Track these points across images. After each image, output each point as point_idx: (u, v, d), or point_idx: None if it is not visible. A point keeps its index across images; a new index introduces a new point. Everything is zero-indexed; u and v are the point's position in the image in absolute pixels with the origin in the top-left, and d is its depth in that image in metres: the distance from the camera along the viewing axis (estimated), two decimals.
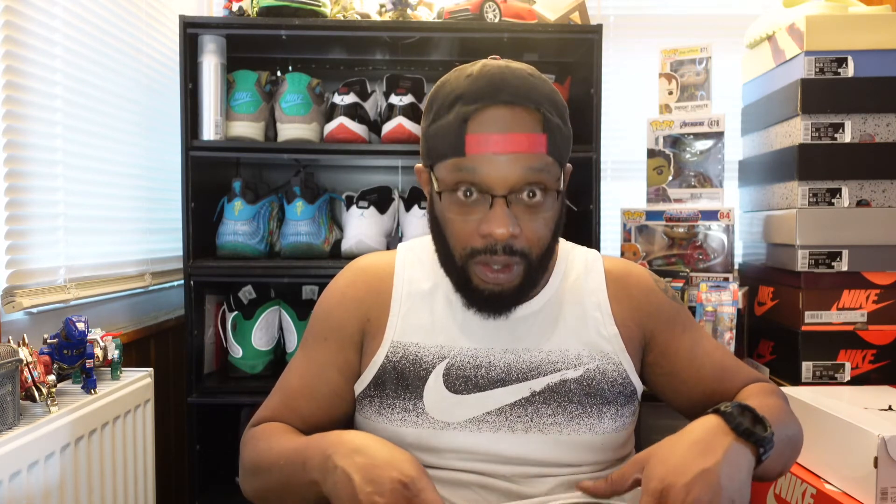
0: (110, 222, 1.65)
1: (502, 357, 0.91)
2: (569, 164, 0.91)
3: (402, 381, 0.90)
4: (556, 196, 0.85)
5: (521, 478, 0.89)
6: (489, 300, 0.87)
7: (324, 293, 0.99)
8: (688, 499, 0.71)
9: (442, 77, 0.89)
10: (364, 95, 1.78)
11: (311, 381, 0.95)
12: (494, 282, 0.84)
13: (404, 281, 0.95)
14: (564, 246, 1.00)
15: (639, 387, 0.95)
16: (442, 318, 0.92)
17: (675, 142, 1.92)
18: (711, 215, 1.85)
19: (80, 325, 1.18)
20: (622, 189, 2.23)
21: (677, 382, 0.96)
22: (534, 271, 0.86)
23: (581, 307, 0.94)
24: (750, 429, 0.77)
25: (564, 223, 0.91)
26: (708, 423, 0.79)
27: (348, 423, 0.98)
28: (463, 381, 0.90)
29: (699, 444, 0.76)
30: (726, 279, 1.80)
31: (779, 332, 1.76)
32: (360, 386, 0.94)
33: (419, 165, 0.91)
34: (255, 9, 1.69)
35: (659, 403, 1.03)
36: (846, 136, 1.65)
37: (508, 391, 0.90)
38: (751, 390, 0.94)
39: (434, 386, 0.90)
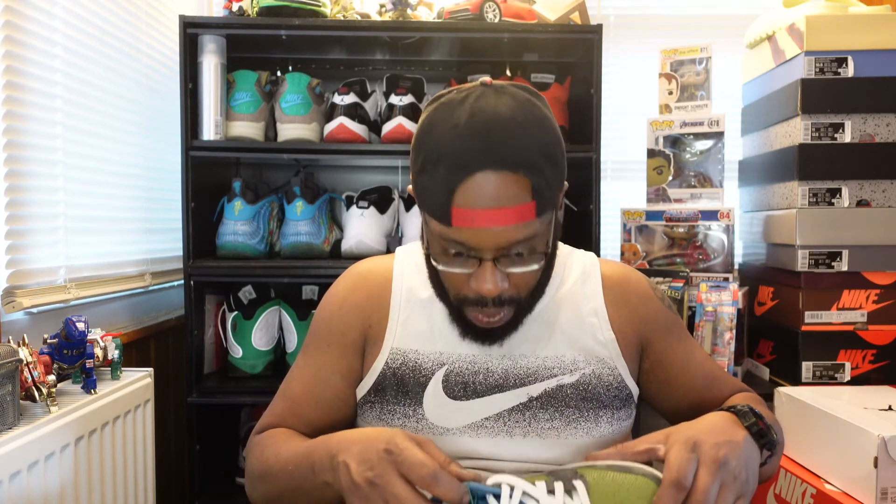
0: (110, 222, 1.65)
1: (500, 363, 0.92)
2: (566, 182, 0.88)
3: (402, 387, 0.91)
4: (544, 254, 0.85)
5: (519, 471, 0.89)
6: (482, 334, 0.89)
7: (324, 299, 1.00)
8: (718, 454, 0.72)
9: (429, 114, 0.83)
10: (364, 95, 1.78)
11: (315, 387, 0.95)
12: (487, 325, 0.87)
13: (403, 288, 0.96)
14: (562, 250, 1.00)
15: (634, 390, 0.96)
16: (440, 325, 0.93)
17: (675, 142, 1.92)
18: (711, 215, 1.85)
19: (80, 325, 1.18)
20: (622, 189, 2.23)
21: (670, 390, 0.98)
22: (524, 308, 0.89)
23: (577, 313, 0.94)
24: (763, 430, 0.79)
25: (563, 224, 0.91)
26: (723, 416, 0.81)
27: (351, 426, 0.98)
28: (462, 387, 0.91)
29: (719, 426, 0.78)
30: (726, 279, 1.80)
31: (779, 332, 1.76)
32: (361, 391, 0.95)
33: (409, 188, 0.89)
34: (255, 9, 1.69)
35: None
36: (846, 136, 1.65)
37: (506, 397, 0.90)
38: (738, 399, 0.96)
39: (433, 392, 0.91)
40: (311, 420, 0.95)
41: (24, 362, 1.07)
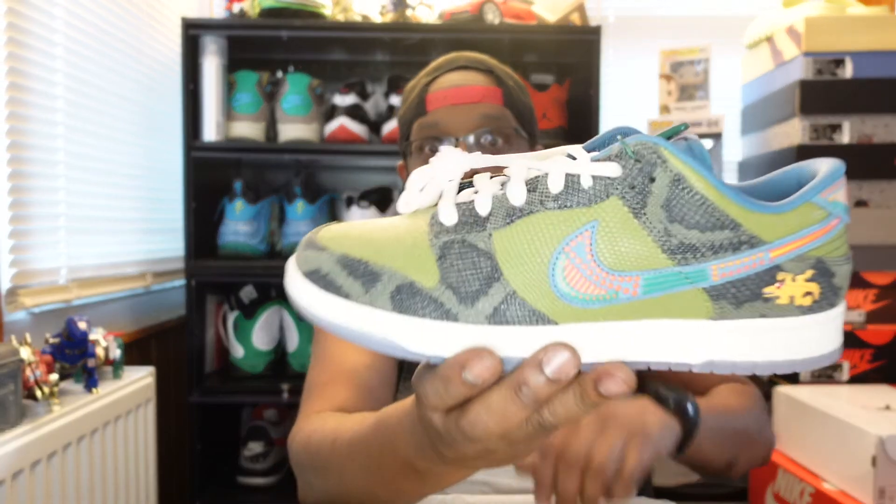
0: (112, 222, 1.65)
1: None
2: (540, 145, 0.95)
3: (404, 359, 0.90)
4: (516, 141, 0.88)
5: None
6: None
7: None
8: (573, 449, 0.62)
9: None
10: (364, 96, 1.79)
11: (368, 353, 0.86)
12: None
13: None
14: None
15: None
16: None
17: None
18: None
19: (82, 325, 1.19)
20: None
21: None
22: None
23: None
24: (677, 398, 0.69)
25: None
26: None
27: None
28: None
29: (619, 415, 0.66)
30: None
31: None
32: None
33: (400, 163, 0.96)
34: (256, 10, 1.69)
35: None
36: (844, 137, 1.65)
37: None
38: (720, 389, 0.89)
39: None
40: (373, 386, 0.84)
41: (26, 362, 1.08)
